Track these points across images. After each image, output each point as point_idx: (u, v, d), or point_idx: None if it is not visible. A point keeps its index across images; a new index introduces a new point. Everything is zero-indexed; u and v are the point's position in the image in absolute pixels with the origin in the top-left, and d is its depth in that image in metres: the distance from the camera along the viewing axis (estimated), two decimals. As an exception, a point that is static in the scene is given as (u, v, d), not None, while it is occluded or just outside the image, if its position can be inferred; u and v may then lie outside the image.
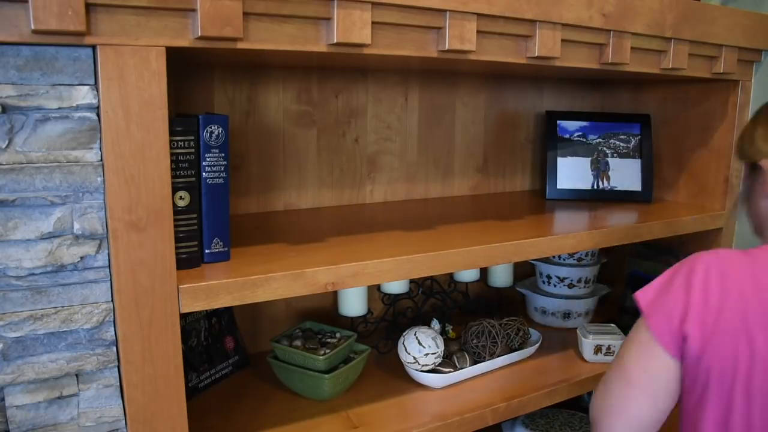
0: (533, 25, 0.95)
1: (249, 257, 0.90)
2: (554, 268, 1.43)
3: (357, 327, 1.28)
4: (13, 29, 0.64)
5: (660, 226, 1.25)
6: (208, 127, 0.82)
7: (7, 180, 0.68)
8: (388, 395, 1.11)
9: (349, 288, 1.01)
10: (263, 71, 1.19)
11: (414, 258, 0.93)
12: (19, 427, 0.72)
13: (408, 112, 1.38)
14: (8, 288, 0.70)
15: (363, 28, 0.80)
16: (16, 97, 0.67)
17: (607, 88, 1.66)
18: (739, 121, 1.36)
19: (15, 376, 0.71)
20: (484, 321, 1.23)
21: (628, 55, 1.06)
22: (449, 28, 0.86)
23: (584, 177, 1.50)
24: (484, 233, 1.08)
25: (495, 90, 1.50)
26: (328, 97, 1.27)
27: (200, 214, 0.84)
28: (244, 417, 1.03)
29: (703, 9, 1.15)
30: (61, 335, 0.73)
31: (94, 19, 0.66)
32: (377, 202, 1.37)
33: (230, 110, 1.18)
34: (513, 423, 1.44)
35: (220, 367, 1.15)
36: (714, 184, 1.42)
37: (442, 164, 1.45)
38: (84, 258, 0.72)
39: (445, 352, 1.18)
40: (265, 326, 1.28)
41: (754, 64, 1.34)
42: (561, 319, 1.45)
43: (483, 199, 1.46)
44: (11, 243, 0.69)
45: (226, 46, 0.74)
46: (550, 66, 1.01)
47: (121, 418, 0.77)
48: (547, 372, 1.23)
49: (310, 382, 1.07)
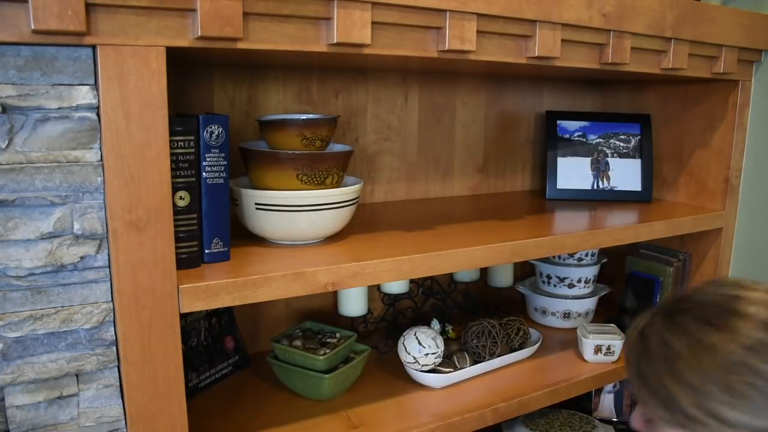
0: (533, 25, 0.95)
1: (249, 257, 0.90)
2: (554, 268, 1.43)
3: (357, 327, 1.28)
4: (13, 29, 0.64)
5: (660, 226, 1.25)
6: (208, 127, 0.82)
7: (7, 180, 0.68)
8: (388, 395, 1.11)
9: (349, 288, 1.01)
10: (263, 71, 1.19)
11: (414, 258, 0.93)
12: (19, 427, 0.72)
13: (408, 112, 1.38)
14: (8, 288, 0.70)
15: (363, 28, 0.80)
16: (16, 97, 0.67)
17: (607, 88, 1.66)
18: (739, 121, 1.36)
19: (15, 376, 0.71)
20: (484, 321, 1.23)
21: (628, 55, 1.06)
22: (449, 28, 0.86)
23: (584, 177, 1.50)
24: (484, 233, 1.08)
25: (495, 90, 1.50)
26: (328, 97, 1.27)
27: (200, 214, 0.84)
28: (244, 417, 1.03)
29: (703, 9, 1.15)
30: (61, 335, 0.73)
31: (94, 19, 0.66)
32: (377, 202, 1.37)
33: (230, 110, 1.18)
34: (513, 423, 1.44)
35: (220, 367, 1.15)
36: (714, 184, 1.42)
37: (442, 164, 1.45)
38: (84, 258, 0.72)
39: (445, 352, 1.18)
40: (265, 326, 1.28)
41: (754, 64, 1.34)
42: (561, 319, 1.45)
43: (483, 199, 1.46)
44: (11, 243, 0.69)
45: (226, 46, 0.74)
46: (550, 66, 1.01)
47: (121, 418, 0.77)
48: (547, 372, 1.23)
49: (310, 382, 1.07)
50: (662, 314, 0.69)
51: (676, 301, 0.70)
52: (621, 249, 1.62)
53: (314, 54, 0.83)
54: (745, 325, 0.62)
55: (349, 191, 0.96)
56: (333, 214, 0.95)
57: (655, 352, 0.67)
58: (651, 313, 0.71)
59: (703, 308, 0.66)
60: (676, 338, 0.65)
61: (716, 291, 0.67)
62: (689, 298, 0.68)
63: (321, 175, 0.94)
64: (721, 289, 0.68)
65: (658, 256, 1.50)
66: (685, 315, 0.66)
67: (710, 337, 0.63)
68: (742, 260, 1.43)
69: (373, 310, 1.36)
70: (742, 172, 1.40)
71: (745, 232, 1.42)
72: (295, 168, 0.92)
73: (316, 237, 0.97)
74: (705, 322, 0.64)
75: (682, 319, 0.66)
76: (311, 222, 0.93)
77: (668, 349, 0.65)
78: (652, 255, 1.52)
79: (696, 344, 0.63)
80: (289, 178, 0.93)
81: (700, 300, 0.67)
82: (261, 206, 0.92)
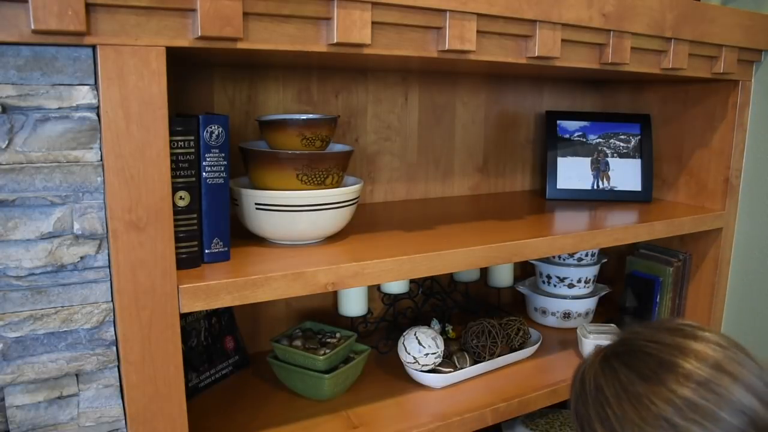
0: (533, 25, 0.95)
1: (249, 257, 0.90)
2: (554, 268, 1.43)
3: (357, 327, 1.28)
4: (13, 29, 0.64)
5: (660, 226, 1.25)
6: (208, 127, 0.82)
7: (7, 180, 0.68)
8: (388, 395, 1.11)
9: (349, 288, 1.01)
10: (263, 71, 1.19)
11: (414, 258, 0.93)
12: (19, 427, 0.72)
13: (408, 112, 1.38)
14: (8, 288, 0.70)
15: (363, 28, 0.80)
16: (16, 97, 0.67)
17: (607, 88, 1.66)
18: (739, 121, 1.36)
19: (15, 376, 0.71)
20: (484, 321, 1.23)
21: (628, 55, 1.06)
22: (449, 28, 0.86)
23: (584, 177, 1.50)
24: (484, 233, 1.08)
25: (495, 90, 1.50)
26: (328, 97, 1.27)
27: (200, 214, 0.84)
28: (244, 417, 1.03)
29: (703, 9, 1.15)
30: (61, 335, 0.73)
31: (94, 19, 0.66)
32: (377, 202, 1.37)
33: (230, 110, 1.18)
34: (513, 423, 1.44)
35: (220, 367, 1.15)
36: (714, 184, 1.42)
37: (442, 164, 1.45)
38: (84, 258, 0.72)
39: (445, 352, 1.18)
40: (265, 326, 1.28)
41: (754, 64, 1.34)
42: (561, 319, 1.45)
43: (483, 199, 1.46)
44: (11, 243, 0.69)
45: (226, 46, 0.74)
46: (550, 66, 1.01)
47: (121, 418, 0.77)
48: (547, 372, 1.23)
49: (310, 382, 1.07)
50: (602, 357, 0.69)
51: (619, 342, 0.69)
52: (621, 249, 1.62)
53: (314, 54, 0.83)
54: (676, 380, 0.61)
55: (349, 191, 0.96)
56: (333, 214, 0.95)
57: (590, 396, 0.67)
58: (596, 353, 0.71)
59: (637, 355, 0.65)
60: (608, 384, 0.65)
61: (656, 338, 0.66)
62: (629, 342, 0.68)
63: (321, 175, 0.94)
64: (661, 335, 0.66)
65: (658, 256, 1.50)
66: (618, 360, 0.66)
67: (636, 387, 0.63)
68: (742, 260, 1.43)
69: (373, 310, 1.36)
70: (742, 172, 1.40)
71: (745, 232, 1.42)
72: (295, 168, 0.92)
73: (316, 237, 0.97)
74: (635, 371, 0.64)
75: (616, 364, 0.66)
76: (311, 222, 0.93)
77: (600, 393, 0.65)
78: (652, 255, 1.52)
79: (623, 392, 0.63)
80: (289, 178, 0.93)
81: (637, 346, 0.66)
82: (261, 206, 0.92)
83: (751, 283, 1.42)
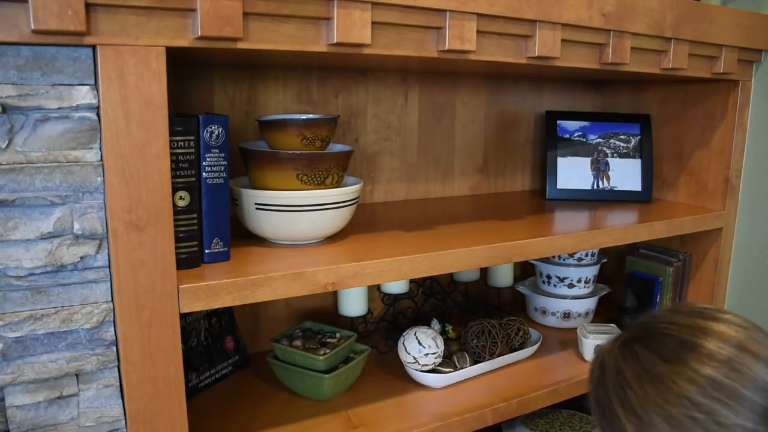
0: (533, 25, 0.95)
1: (249, 257, 0.90)
2: (554, 268, 1.43)
3: (357, 327, 1.28)
4: (13, 29, 0.64)
5: (660, 226, 1.25)
6: (208, 127, 0.82)
7: (7, 180, 0.68)
8: (388, 395, 1.11)
9: (349, 288, 1.01)
10: (263, 71, 1.19)
11: (414, 258, 0.93)
12: (19, 427, 0.72)
13: (408, 112, 1.38)
14: (8, 288, 0.70)
15: (363, 28, 0.80)
16: (16, 97, 0.67)
17: (607, 88, 1.66)
18: (739, 121, 1.36)
19: (15, 376, 0.71)
20: (484, 321, 1.23)
21: (628, 55, 1.06)
22: (449, 28, 0.86)
23: (584, 177, 1.50)
24: (484, 233, 1.08)
25: (495, 90, 1.50)
26: (328, 97, 1.27)
27: (200, 214, 0.84)
28: (244, 417, 1.03)
29: (703, 9, 1.15)
30: (61, 335, 0.73)
31: (94, 19, 0.66)
32: (377, 202, 1.37)
33: (230, 110, 1.18)
34: (513, 423, 1.44)
35: (220, 367, 1.15)
36: (714, 184, 1.42)
37: (442, 164, 1.45)
38: (84, 258, 0.72)
39: (445, 352, 1.18)
40: (265, 326, 1.28)
41: (754, 64, 1.34)
42: (561, 319, 1.45)
43: (483, 199, 1.46)
44: (11, 243, 0.69)
45: (226, 46, 0.74)
46: (550, 66, 1.01)
47: (121, 418, 0.77)
48: (547, 372, 1.23)
49: (310, 382, 1.07)
50: (621, 342, 0.69)
51: (637, 327, 0.69)
52: (621, 249, 1.62)
53: (314, 54, 0.83)
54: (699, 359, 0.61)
55: (349, 191, 0.96)
56: (333, 214, 0.95)
57: (610, 381, 0.67)
58: (614, 339, 0.71)
59: (657, 338, 0.66)
60: (628, 367, 0.65)
61: (675, 320, 0.66)
62: (648, 326, 0.68)
63: (321, 175, 0.94)
64: (680, 318, 0.66)
65: (658, 256, 1.50)
66: (639, 343, 0.66)
67: (658, 368, 0.63)
68: (742, 260, 1.43)
69: (373, 310, 1.36)
70: (742, 172, 1.40)
71: (745, 232, 1.42)
72: (295, 168, 0.92)
73: (316, 237, 0.97)
74: (656, 352, 0.64)
75: (637, 347, 0.66)
76: (311, 222, 0.93)
77: (621, 377, 0.65)
78: (652, 255, 1.52)
79: (644, 374, 0.63)
80: (289, 178, 0.93)
81: (657, 329, 0.66)
82: (261, 206, 0.92)
83: (751, 283, 1.42)
